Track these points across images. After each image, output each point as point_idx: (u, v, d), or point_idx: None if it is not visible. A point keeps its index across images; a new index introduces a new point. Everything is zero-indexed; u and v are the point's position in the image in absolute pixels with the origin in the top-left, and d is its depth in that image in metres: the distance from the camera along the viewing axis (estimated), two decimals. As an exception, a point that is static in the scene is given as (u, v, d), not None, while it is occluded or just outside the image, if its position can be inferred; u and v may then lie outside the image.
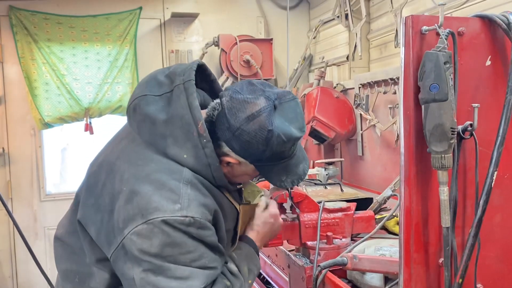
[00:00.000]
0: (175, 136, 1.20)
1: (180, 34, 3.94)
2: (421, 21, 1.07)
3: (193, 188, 1.18)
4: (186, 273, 1.15)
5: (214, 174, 1.23)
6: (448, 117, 1.03)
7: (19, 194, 3.73)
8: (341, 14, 3.35)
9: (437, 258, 1.13)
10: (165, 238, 1.13)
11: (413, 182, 1.09)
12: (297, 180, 1.32)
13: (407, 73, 1.08)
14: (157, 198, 1.14)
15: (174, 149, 1.20)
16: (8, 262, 3.72)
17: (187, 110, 1.19)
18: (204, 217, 1.17)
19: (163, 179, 1.17)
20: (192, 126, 1.19)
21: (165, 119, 1.21)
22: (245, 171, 1.31)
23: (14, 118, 3.68)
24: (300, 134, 1.23)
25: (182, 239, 1.14)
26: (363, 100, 2.82)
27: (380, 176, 2.82)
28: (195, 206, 1.16)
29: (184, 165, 1.20)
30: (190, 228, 1.14)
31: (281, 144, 1.20)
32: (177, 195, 1.15)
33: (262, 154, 1.21)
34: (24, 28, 3.55)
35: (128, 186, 1.18)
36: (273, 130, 1.18)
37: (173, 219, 1.12)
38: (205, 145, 1.19)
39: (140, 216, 1.14)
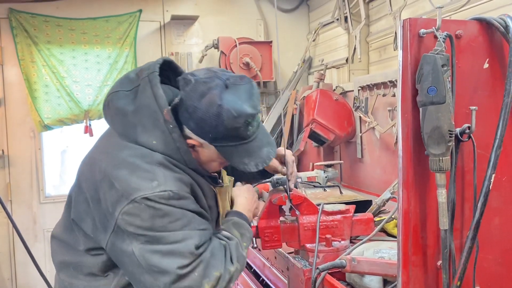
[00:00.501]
0: (144, 125, 1.29)
1: (180, 37, 3.95)
2: (419, 24, 1.08)
3: (166, 168, 1.27)
4: (180, 236, 1.23)
5: (185, 157, 1.30)
6: (446, 119, 1.04)
7: (19, 196, 3.73)
8: (341, 16, 3.36)
9: (435, 260, 1.13)
10: (152, 211, 1.21)
11: (411, 184, 1.09)
12: (261, 163, 1.35)
13: (405, 76, 1.08)
14: (134, 179, 1.23)
15: (144, 136, 1.29)
16: (7, 264, 3.72)
17: (153, 99, 1.28)
18: (182, 190, 1.26)
19: (137, 162, 1.26)
20: (159, 113, 1.27)
21: (133, 109, 1.30)
22: (210, 155, 1.36)
23: (14, 120, 3.69)
24: (252, 111, 1.28)
25: (168, 210, 1.22)
26: (363, 102, 2.82)
27: (379, 178, 2.83)
28: (171, 180, 1.25)
29: (154, 150, 1.28)
30: (171, 201, 1.23)
31: (232, 119, 1.25)
32: (152, 174, 1.24)
33: (216, 130, 1.26)
34: (24, 31, 3.56)
35: (107, 174, 1.26)
36: (222, 105, 1.24)
37: (154, 195, 1.21)
38: (172, 130, 1.27)
39: (124, 197, 1.22)
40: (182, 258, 1.21)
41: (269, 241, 1.65)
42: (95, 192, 1.29)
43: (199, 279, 1.22)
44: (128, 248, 1.23)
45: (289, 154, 1.66)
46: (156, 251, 1.21)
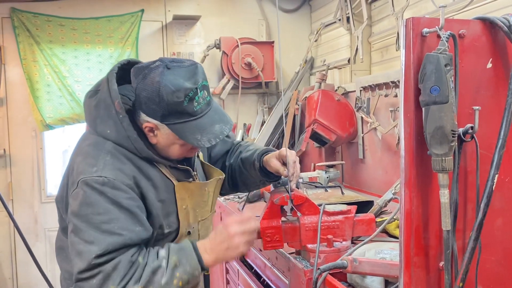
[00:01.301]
0: (101, 116, 1.43)
1: (182, 37, 3.95)
2: (422, 23, 1.07)
3: (112, 157, 1.39)
4: (91, 238, 1.29)
5: (135, 145, 1.40)
6: (449, 119, 1.03)
7: (20, 195, 3.73)
8: (343, 17, 3.36)
9: (438, 261, 1.12)
10: (83, 197, 1.32)
11: (414, 184, 1.08)
12: (214, 138, 1.40)
13: (407, 76, 1.07)
14: (82, 165, 1.38)
15: (101, 126, 1.43)
16: (8, 263, 3.72)
17: (108, 94, 1.41)
18: (119, 179, 1.35)
19: (89, 150, 1.42)
20: (111, 105, 1.40)
21: (94, 104, 1.45)
22: (168, 137, 1.43)
23: (16, 120, 3.69)
24: (191, 85, 1.35)
25: (97, 199, 1.31)
26: (364, 103, 2.81)
27: (381, 179, 2.82)
28: (109, 169, 1.35)
29: (108, 139, 1.42)
30: (105, 188, 1.32)
31: (171, 94, 1.33)
32: (96, 160, 1.37)
33: (160, 107, 1.35)
34: (26, 30, 3.57)
35: (72, 161, 1.45)
36: (160, 81, 1.33)
37: (90, 178, 1.33)
38: (122, 120, 1.39)
39: (73, 182, 1.37)
40: (82, 263, 1.29)
41: (271, 241, 1.64)
42: (66, 176, 1.47)
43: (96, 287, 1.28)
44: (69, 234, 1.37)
45: (292, 154, 1.65)
46: (73, 244, 1.32)
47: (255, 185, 1.85)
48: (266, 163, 1.68)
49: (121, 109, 1.39)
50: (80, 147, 1.47)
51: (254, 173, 1.73)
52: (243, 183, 1.83)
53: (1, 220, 3.66)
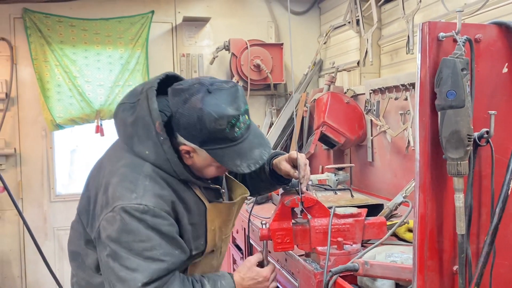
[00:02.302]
0: (139, 136, 1.38)
1: (191, 38, 3.97)
2: (438, 27, 1.07)
3: (151, 181, 1.35)
4: (134, 265, 1.28)
5: (175, 168, 1.37)
6: (465, 124, 1.03)
7: (30, 194, 3.76)
8: (352, 19, 3.36)
9: (452, 265, 1.12)
10: (122, 224, 1.29)
11: (428, 188, 1.09)
12: (253, 164, 1.38)
13: (423, 79, 1.08)
14: (119, 188, 1.32)
15: (139, 146, 1.38)
16: (17, 261, 3.75)
17: (147, 112, 1.35)
18: (159, 207, 1.32)
19: (127, 172, 1.35)
20: (151, 126, 1.35)
21: (132, 121, 1.39)
22: (205, 160, 1.40)
23: (26, 119, 3.72)
24: (234, 112, 1.31)
25: (137, 227, 1.29)
26: (374, 106, 2.81)
27: (390, 182, 2.81)
28: (149, 196, 1.32)
29: (147, 160, 1.37)
30: (145, 216, 1.29)
31: (214, 121, 1.29)
32: (135, 185, 1.32)
33: (201, 134, 1.32)
34: (38, 30, 3.60)
35: (106, 179, 1.38)
36: (203, 108, 1.29)
37: (130, 206, 1.29)
38: (162, 142, 1.35)
39: (109, 204, 1.32)
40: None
41: (281, 243, 1.64)
42: (95, 193, 1.41)
43: None
44: (100, 255, 1.36)
45: (302, 157, 1.66)
46: (113, 270, 1.30)
47: (266, 188, 1.85)
48: (275, 166, 1.69)
49: (162, 131, 1.35)
50: (115, 166, 1.39)
51: (264, 176, 1.74)
52: (254, 187, 1.83)
53: (11, 219, 3.69)
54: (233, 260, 2.90)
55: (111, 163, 1.42)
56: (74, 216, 1.57)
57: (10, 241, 3.71)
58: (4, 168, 3.66)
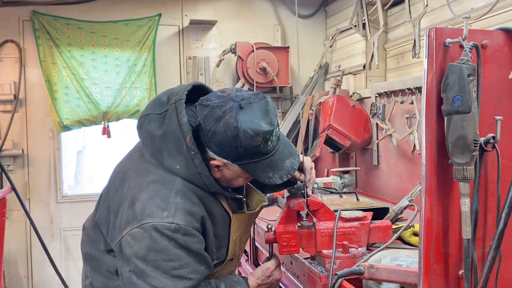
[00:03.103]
0: (169, 150, 1.35)
1: (198, 41, 3.99)
2: (445, 33, 1.08)
3: (183, 197, 1.33)
4: (161, 284, 1.27)
5: (206, 181, 1.36)
6: (471, 129, 1.04)
7: (37, 195, 3.79)
8: (359, 23, 3.36)
9: (457, 270, 1.13)
10: (151, 243, 1.27)
11: (434, 193, 1.09)
12: (285, 175, 1.41)
13: (429, 85, 1.08)
14: (150, 205, 1.29)
15: (169, 161, 1.35)
16: (24, 262, 3.78)
17: (177, 126, 1.33)
18: (190, 225, 1.31)
19: (158, 188, 1.33)
20: (182, 140, 1.33)
21: (160, 134, 1.36)
22: (235, 172, 1.41)
23: (34, 121, 3.76)
24: (269, 127, 1.32)
25: (167, 246, 1.27)
26: (380, 109, 2.82)
27: (395, 186, 2.81)
28: (181, 214, 1.30)
29: (177, 175, 1.35)
30: (176, 235, 1.28)
31: (250, 138, 1.29)
32: (166, 203, 1.30)
33: (237, 151, 1.31)
34: (46, 33, 3.64)
35: (132, 193, 1.34)
36: (239, 127, 1.29)
37: (161, 224, 1.27)
38: (194, 157, 1.33)
39: (136, 220, 1.29)
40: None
41: (287, 246, 1.65)
42: (118, 205, 1.38)
43: None
44: (120, 269, 1.34)
45: (308, 160, 1.67)
46: (138, 286, 1.28)
47: (270, 189, 1.85)
48: None
49: (193, 145, 1.32)
50: (144, 181, 1.36)
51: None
52: (258, 187, 1.83)
53: (18, 219, 3.72)
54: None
55: (138, 177, 1.38)
56: (80, 217, 1.58)
57: (17, 241, 3.75)
58: (11, 168, 3.69)
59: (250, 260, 2.59)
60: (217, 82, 4.02)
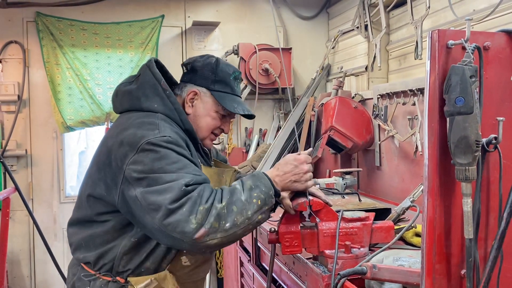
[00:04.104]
0: (146, 94, 1.57)
1: (201, 42, 4.01)
2: (447, 35, 1.09)
3: (166, 122, 1.52)
4: (174, 176, 1.37)
5: (181, 117, 1.58)
6: (473, 130, 1.05)
7: (40, 195, 3.81)
8: (361, 25, 3.38)
9: (459, 269, 1.14)
10: (153, 154, 1.39)
11: (437, 193, 1.10)
12: (247, 110, 1.69)
13: (432, 86, 1.09)
14: (140, 131, 1.45)
15: (147, 103, 1.57)
16: (27, 261, 3.80)
17: (151, 76, 1.60)
18: (179, 139, 1.47)
19: (142, 121, 1.49)
20: (157, 84, 1.58)
21: (136, 86, 1.60)
22: (206, 104, 1.66)
23: (37, 121, 3.78)
24: (237, 71, 1.71)
25: (167, 152, 1.41)
26: (382, 110, 2.82)
27: (398, 187, 2.82)
28: (170, 131, 1.48)
29: (157, 111, 1.55)
30: (171, 145, 1.42)
31: (225, 65, 1.66)
32: (154, 125, 1.47)
33: (214, 73, 1.64)
34: (50, 34, 3.66)
35: (117, 138, 1.47)
36: (218, 58, 1.69)
37: (156, 138, 1.42)
38: (169, 95, 1.58)
39: (131, 149, 1.41)
40: (172, 193, 1.33)
41: (289, 246, 1.66)
42: (107, 157, 1.47)
43: (187, 213, 1.32)
44: (133, 194, 1.38)
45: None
46: (154, 191, 1.35)
47: None
48: None
49: (167, 87, 1.58)
50: (125, 124, 1.51)
51: None
52: None
53: (21, 219, 3.74)
54: (240, 262, 2.92)
55: (118, 127, 1.53)
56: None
57: (20, 241, 3.76)
58: (15, 169, 3.71)
59: (252, 260, 2.60)
60: (219, 83, 4.03)
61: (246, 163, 3.66)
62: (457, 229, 1.12)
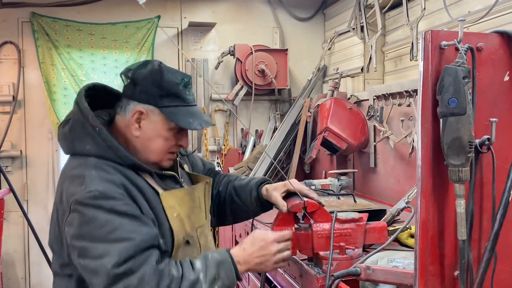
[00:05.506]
0: (77, 137, 1.40)
1: (197, 43, 4.00)
2: (440, 36, 1.09)
3: (97, 169, 1.34)
4: (100, 251, 1.23)
5: (118, 153, 1.37)
6: (466, 131, 1.04)
7: (35, 196, 3.79)
8: (357, 26, 3.38)
9: (453, 270, 1.14)
10: (80, 217, 1.27)
11: (430, 194, 1.10)
12: (205, 123, 1.44)
13: (425, 87, 1.09)
14: (71, 187, 1.31)
15: (79, 145, 1.40)
16: (21, 263, 3.77)
17: (79, 112, 1.41)
18: (110, 190, 1.29)
19: (73, 173, 1.35)
20: (85, 123, 1.38)
21: (68, 129, 1.43)
22: (156, 125, 1.42)
23: (33, 122, 3.76)
24: (186, 77, 1.44)
25: (94, 214, 1.26)
26: (377, 111, 2.83)
27: (393, 188, 2.82)
28: (98, 182, 1.30)
29: (89, 154, 1.38)
30: (99, 201, 1.27)
31: (171, 73, 1.41)
32: (82, 178, 1.31)
33: (160, 88, 1.39)
34: (45, 34, 3.65)
35: (59, 191, 1.37)
36: (162, 65, 1.42)
37: (82, 196, 1.27)
38: (99, 132, 1.37)
39: (66, 208, 1.30)
40: (102, 279, 1.22)
41: (284, 247, 1.65)
42: (55, 210, 1.39)
43: None
44: (75, 261, 1.31)
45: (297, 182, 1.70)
46: (86, 266, 1.26)
47: (246, 215, 1.83)
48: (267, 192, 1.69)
49: (95, 123, 1.37)
50: (64, 175, 1.40)
51: (250, 202, 1.73)
52: (232, 212, 1.80)
53: (16, 220, 3.72)
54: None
55: (61, 177, 1.42)
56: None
57: (14, 243, 3.74)
58: (10, 170, 3.69)
59: (248, 261, 2.59)
60: (215, 84, 4.04)
61: (242, 164, 3.65)
62: (451, 230, 1.12)
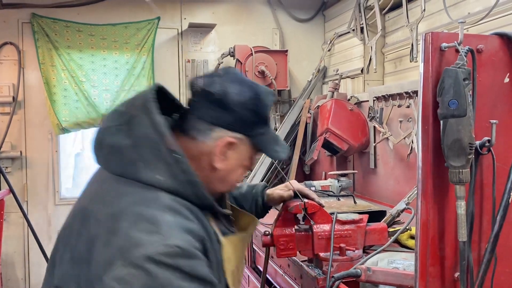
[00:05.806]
0: (145, 159, 1.06)
1: (197, 44, 4.01)
2: (440, 38, 1.09)
3: (174, 214, 1.02)
4: None
5: (197, 192, 1.08)
6: (467, 132, 1.05)
7: (35, 197, 3.79)
8: (357, 27, 3.39)
9: (453, 272, 1.14)
10: (147, 279, 0.93)
11: (430, 196, 1.10)
12: (287, 150, 1.25)
13: (425, 89, 1.09)
14: (135, 233, 0.97)
15: (146, 172, 1.05)
16: (21, 264, 3.77)
17: (151, 127, 1.06)
18: (191, 245, 0.99)
19: (139, 210, 1.00)
20: (160, 143, 1.05)
21: (130, 143, 1.07)
22: (240, 156, 1.17)
23: (33, 123, 3.77)
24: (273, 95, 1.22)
25: (169, 278, 0.94)
26: (377, 113, 2.83)
27: (393, 189, 2.82)
28: (177, 233, 0.98)
29: (160, 188, 1.05)
30: (179, 261, 0.96)
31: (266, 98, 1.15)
32: (155, 225, 0.98)
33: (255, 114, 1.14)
34: (45, 35, 3.65)
35: (105, 227, 1.01)
36: (258, 89, 1.15)
37: (156, 251, 0.94)
38: (178, 160, 1.06)
39: (120, 257, 0.95)
40: None
41: (284, 249, 1.65)
42: (87, 250, 1.01)
43: None
44: None
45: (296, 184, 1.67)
46: None
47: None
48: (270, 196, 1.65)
49: (175, 146, 1.06)
50: (116, 207, 1.02)
51: (255, 209, 1.64)
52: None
53: (16, 221, 3.72)
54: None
55: (106, 206, 1.04)
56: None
57: (14, 243, 3.74)
58: (10, 170, 3.69)
59: (248, 263, 2.59)
60: (215, 85, 4.03)
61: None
62: (451, 231, 1.12)
